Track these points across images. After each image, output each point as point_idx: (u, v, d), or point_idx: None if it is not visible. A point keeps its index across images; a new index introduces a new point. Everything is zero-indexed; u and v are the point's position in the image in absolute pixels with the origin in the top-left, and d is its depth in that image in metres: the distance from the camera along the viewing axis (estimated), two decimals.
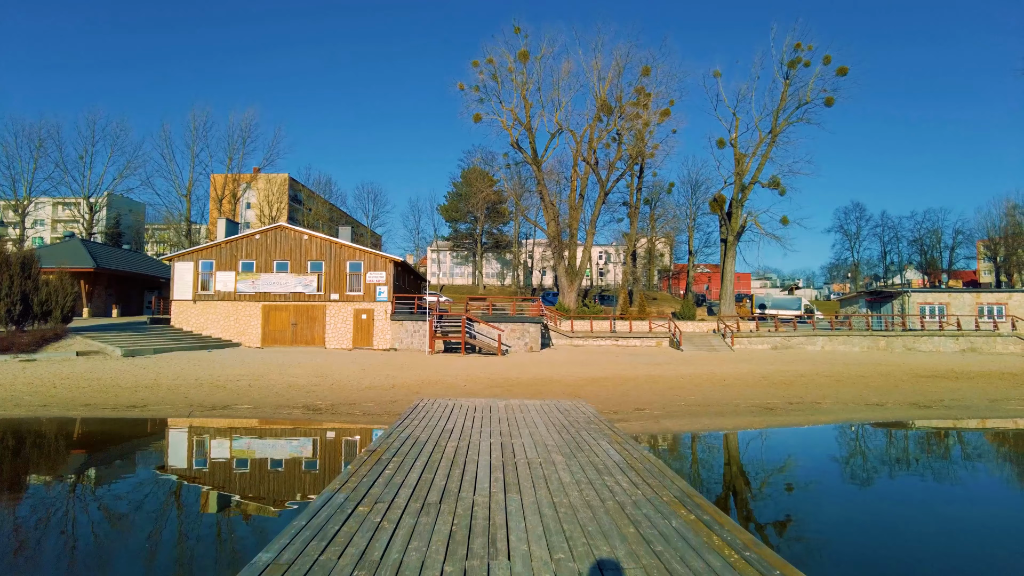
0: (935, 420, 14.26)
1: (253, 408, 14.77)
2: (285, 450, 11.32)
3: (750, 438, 12.45)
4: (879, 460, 10.92)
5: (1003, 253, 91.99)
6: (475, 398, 13.61)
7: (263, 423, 13.58)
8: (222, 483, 9.24)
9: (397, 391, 16.82)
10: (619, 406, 14.67)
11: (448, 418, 10.33)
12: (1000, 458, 11.42)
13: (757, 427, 12.81)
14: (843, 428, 13.53)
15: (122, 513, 7.72)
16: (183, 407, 14.91)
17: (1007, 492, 9.39)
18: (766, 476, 9.49)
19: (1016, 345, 37.56)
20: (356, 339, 33.30)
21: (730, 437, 12.45)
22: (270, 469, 9.98)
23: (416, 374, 20.63)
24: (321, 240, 34.60)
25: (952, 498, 8.65)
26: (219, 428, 13.26)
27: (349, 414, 13.82)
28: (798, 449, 11.76)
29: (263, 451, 11.28)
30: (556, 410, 11.47)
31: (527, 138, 50.94)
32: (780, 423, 13.28)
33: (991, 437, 13.37)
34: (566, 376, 20.94)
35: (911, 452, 11.63)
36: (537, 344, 32.96)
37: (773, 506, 7.94)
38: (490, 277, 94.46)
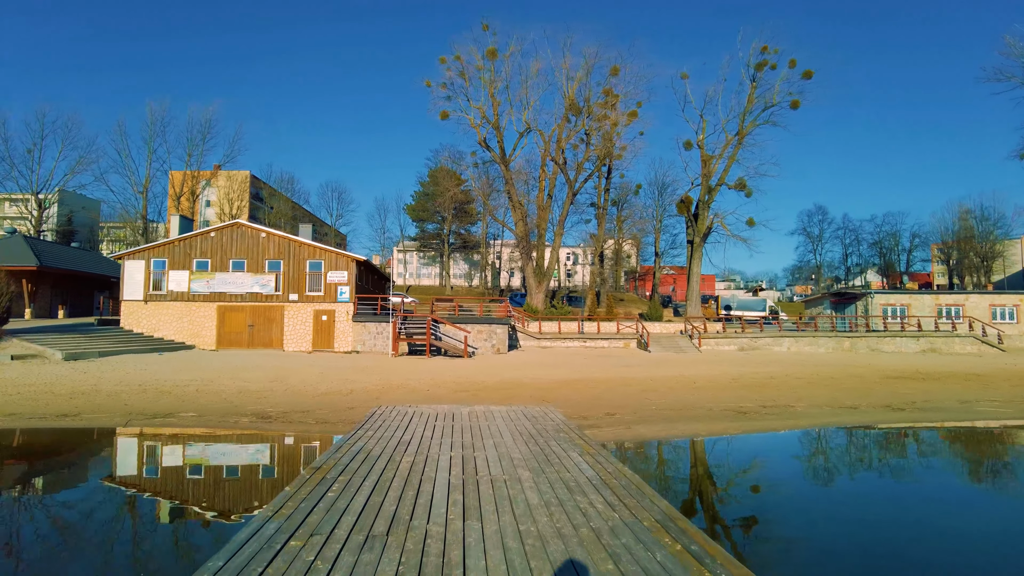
0: (913, 423, 13.99)
1: (198, 416, 13.70)
2: (222, 465, 10.33)
3: (728, 446, 11.89)
4: (876, 471, 10.30)
5: (956, 256, 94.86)
6: (438, 404, 12.82)
7: (206, 433, 12.55)
8: (142, 505, 8.23)
9: (355, 397, 15.91)
10: (589, 411, 14.05)
11: (406, 428, 9.53)
12: (990, 463, 11.10)
13: (733, 432, 12.30)
14: (823, 433, 13.10)
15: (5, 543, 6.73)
16: (121, 416, 13.76)
17: (1003, 498, 9.03)
18: (753, 492, 8.86)
19: (973, 345, 38.32)
20: (316, 341, 32.09)
21: (707, 445, 11.86)
22: (200, 488, 8.97)
23: (377, 378, 19.71)
24: (280, 238, 33.30)
25: (965, 511, 8.20)
26: (155, 439, 12.18)
27: (302, 422, 12.88)
28: (781, 458, 11.17)
29: (197, 467, 10.24)
30: (523, 417, 10.77)
31: (495, 137, 50.29)
32: (757, 428, 12.80)
33: (973, 440, 13.12)
34: (534, 379, 20.27)
35: (903, 461, 11.15)
36: (505, 346, 32.26)
37: (766, 531, 7.28)
38: (457, 278, 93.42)
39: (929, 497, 8.70)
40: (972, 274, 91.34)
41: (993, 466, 10.87)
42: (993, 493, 9.33)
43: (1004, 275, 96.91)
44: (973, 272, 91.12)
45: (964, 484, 9.77)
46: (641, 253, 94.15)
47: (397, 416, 10.70)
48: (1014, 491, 9.40)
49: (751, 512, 7.93)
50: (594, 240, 65.81)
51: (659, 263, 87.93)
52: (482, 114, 49.39)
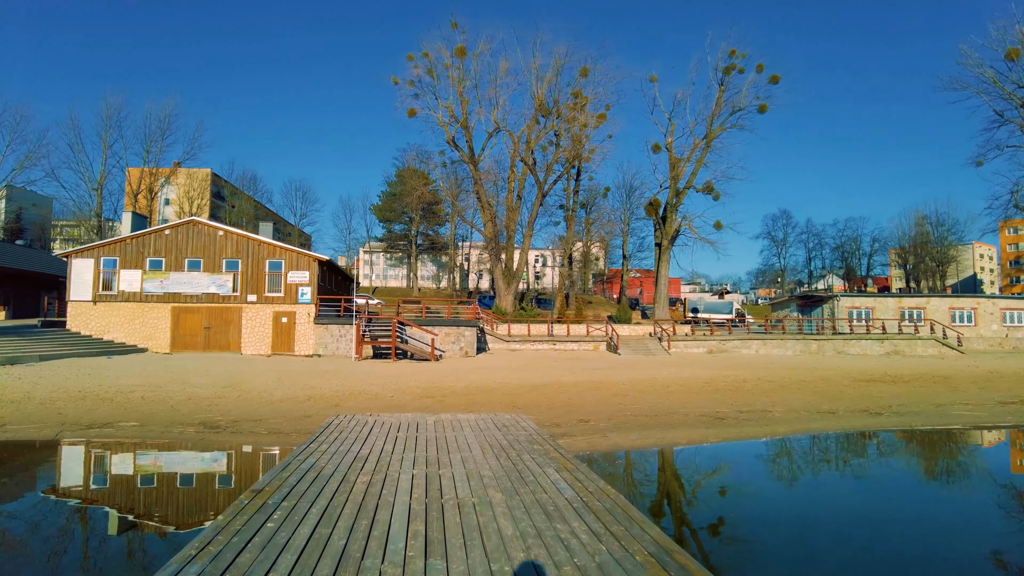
0: (896, 429, 13.68)
1: (140, 426, 12.59)
2: (154, 486, 9.25)
3: (712, 456, 11.27)
4: (876, 484, 9.73)
5: (912, 261, 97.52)
6: (401, 413, 11.99)
7: (146, 445, 11.47)
8: (45, 532, 7.23)
9: (313, 404, 14.95)
10: (562, 418, 13.38)
11: (365, 440, 8.69)
12: (982, 468, 10.74)
13: (714, 441, 11.76)
14: (804, 440, 12.62)
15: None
16: (52, 426, 12.56)
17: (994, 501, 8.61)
18: (749, 513, 8.10)
19: (934, 348, 38.97)
20: (275, 344, 30.79)
21: (689, 455, 11.21)
22: (126, 512, 7.97)
23: (338, 383, 18.72)
24: (238, 236, 31.90)
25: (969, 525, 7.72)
26: (84, 455, 11.04)
27: (252, 433, 11.90)
28: (769, 471, 10.57)
29: (127, 486, 9.13)
30: (493, 426, 10.02)
31: (464, 136, 49.43)
32: (736, 435, 12.29)
33: (957, 446, 12.83)
34: (504, 383, 19.54)
35: (894, 469, 10.72)
36: (473, 349, 31.45)
37: (771, 561, 6.55)
38: (425, 280, 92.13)
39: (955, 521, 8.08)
40: (928, 278, 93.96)
41: (988, 472, 10.52)
42: (994, 501, 8.93)
43: (958, 279, 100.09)
44: (929, 276, 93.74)
45: (967, 495, 9.32)
46: (609, 256, 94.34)
47: (356, 426, 9.85)
48: (1010, 500, 9.03)
49: (752, 538, 7.19)
50: (563, 242, 65.45)
51: (627, 266, 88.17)
52: (450, 113, 48.54)
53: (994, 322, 44.00)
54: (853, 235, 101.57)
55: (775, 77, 51.04)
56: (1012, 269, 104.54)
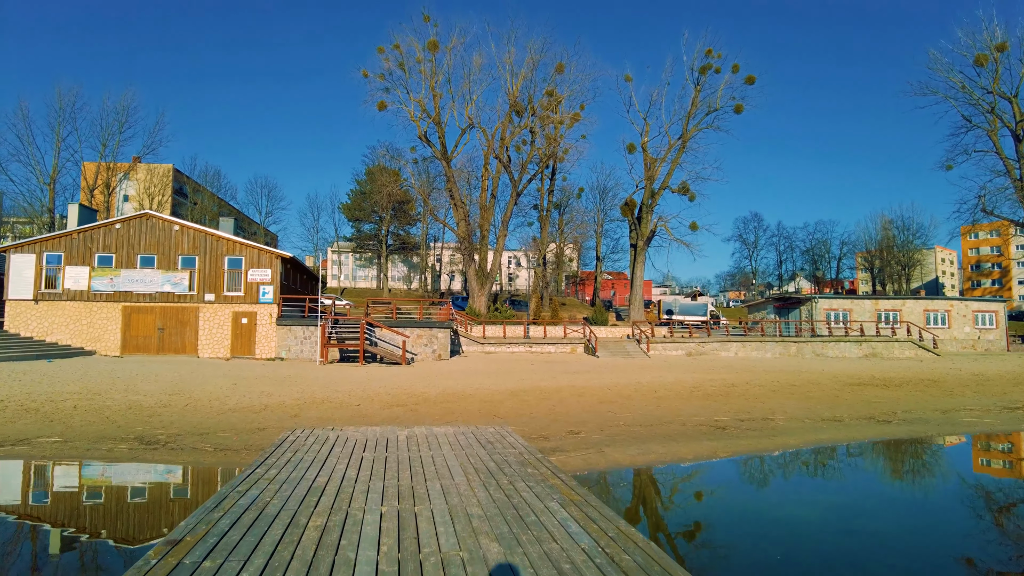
0: (909, 438, 12.61)
1: (62, 442, 10.88)
2: (52, 526, 7.25)
3: (729, 476, 9.84)
4: (935, 507, 8.55)
5: (879, 264, 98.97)
6: (368, 426, 10.54)
7: (62, 467, 9.78)
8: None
9: (269, 414, 13.36)
10: (549, 429, 12.07)
11: (323, 463, 7.25)
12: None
13: (723, 455, 10.52)
14: (823, 453, 11.38)
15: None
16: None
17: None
18: (813, 558, 6.38)
19: (910, 350, 38.80)
20: (235, 347, 28.88)
21: (704, 476, 9.74)
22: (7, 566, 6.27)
23: (300, 390, 17.11)
24: (195, 231, 29.90)
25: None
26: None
27: (195, 450, 10.31)
28: (802, 493, 9.06)
29: (18, 526, 7.27)
30: (476, 442, 8.66)
31: (436, 132, 47.90)
32: (747, 448, 11.09)
33: (989, 459, 11.75)
34: (481, 389, 18.16)
35: (947, 490, 9.45)
36: (446, 351, 29.97)
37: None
38: (396, 281, 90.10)
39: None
40: (893, 282, 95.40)
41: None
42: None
43: (922, 282, 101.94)
44: (894, 280, 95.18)
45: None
46: (582, 258, 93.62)
47: (314, 444, 8.38)
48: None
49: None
50: (537, 243, 64.35)
51: (600, 268, 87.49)
52: (422, 107, 46.95)
53: (966, 324, 44.17)
54: (823, 238, 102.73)
55: (751, 78, 50.72)
56: (973, 273, 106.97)
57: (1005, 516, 8.10)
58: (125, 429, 11.87)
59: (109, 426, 12.08)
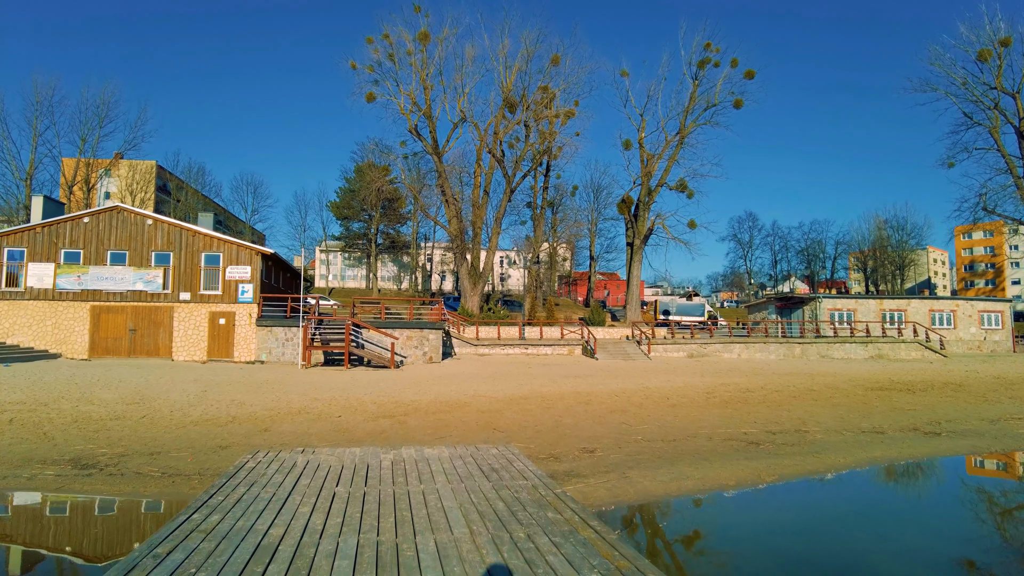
0: (971, 454, 10.98)
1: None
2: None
3: (793, 512, 7.74)
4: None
5: (872, 264, 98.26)
6: (347, 447, 8.87)
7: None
8: None
9: (237, 427, 11.64)
10: (558, 446, 10.44)
11: (283, 504, 5.58)
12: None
13: (769, 479, 8.86)
14: (888, 476, 9.36)
15: None
16: None
17: None
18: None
19: (917, 351, 37.53)
20: (212, 349, 27.03)
21: (759, 511, 7.73)
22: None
23: (275, 398, 15.38)
24: (170, 226, 28.02)
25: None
26: None
27: (139, 476, 8.58)
28: (906, 540, 6.90)
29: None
30: (476, 468, 7.03)
31: (427, 126, 46.15)
32: (793, 470, 9.41)
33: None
34: (477, 396, 16.50)
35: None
36: (438, 354, 28.27)
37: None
38: (386, 281, 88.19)
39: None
40: (886, 282, 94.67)
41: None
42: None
43: (915, 283, 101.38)
44: (887, 280, 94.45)
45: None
46: (575, 257, 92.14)
47: (276, 474, 6.71)
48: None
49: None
50: (529, 243, 62.77)
51: (595, 267, 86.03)
52: (412, 100, 45.18)
53: (972, 325, 43.01)
54: (818, 238, 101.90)
55: (750, 72, 49.34)
56: (967, 273, 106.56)
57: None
58: (62, 448, 10.12)
59: (43, 445, 10.33)
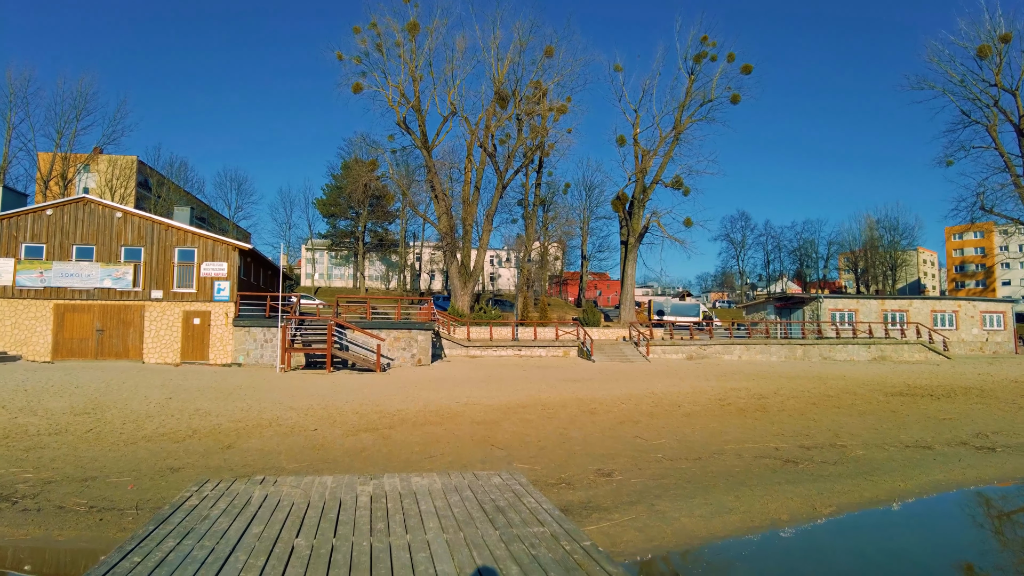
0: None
1: None
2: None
3: (882, 566, 6.00)
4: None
5: (863, 265, 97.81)
6: (317, 474, 7.35)
7: None
8: None
9: (195, 444, 10.07)
10: (568, 467, 8.97)
11: (223, 564, 4.07)
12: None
13: (827, 512, 7.31)
14: (971, 507, 7.74)
15: None
16: None
17: None
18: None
19: (920, 353, 36.49)
20: (185, 350, 25.32)
21: (832, 557, 6.11)
22: None
23: (246, 407, 13.79)
24: (141, 219, 26.29)
25: None
26: None
27: (59, 511, 7.00)
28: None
29: None
30: (477, 506, 5.56)
31: (416, 119, 44.56)
32: (849, 498, 7.79)
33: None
34: (470, 404, 15.01)
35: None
36: (427, 356, 26.72)
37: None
38: (373, 280, 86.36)
39: None
40: (877, 282, 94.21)
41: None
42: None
43: (906, 283, 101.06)
44: (878, 280, 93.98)
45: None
46: (566, 257, 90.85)
47: (222, 517, 5.20)
48: None
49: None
50: (521, 240, 61.26)
51: (586, 267, 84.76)
52: (401, 92, 43.57)
53: (974, 325, 42.07)
54: (810, 238, 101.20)
55: (747, 67, 48.14)
56: (957, 274, 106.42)
57: None
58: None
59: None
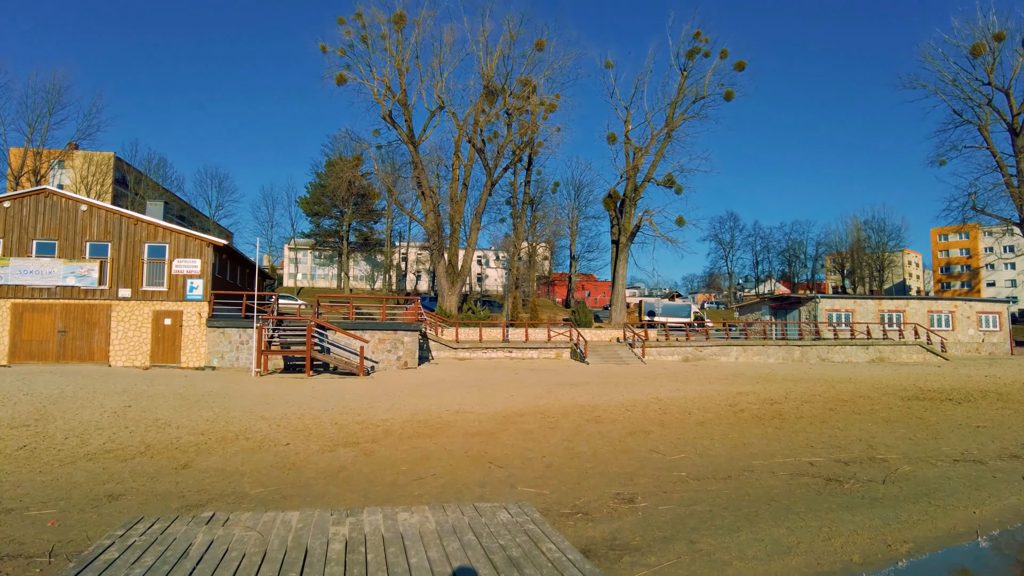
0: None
1: None
2: None
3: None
4: None
5: (850, 266, 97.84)
6: (280, 511, 5.98)
7: None
8: None
9: (145, 464, 8.64)
10: (581, 490, 7.67)
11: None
12: None
13: (903, 550, 5.89)
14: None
15: None
16: None
17: None
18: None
19: (919, 354, 35.73)
20: (156, 353, 23.71)
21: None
22: None
23: (212, 417, 12.34)
24: (107, 212, 24.64)
25: None
26: None
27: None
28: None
29: None
30: (483, 558, 4.25)
31: (402, 113, 43.11)
32: (924, 532, 6.44)
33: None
34: (463, 412, 13.66)
35: None
36: (414, 358, 25.31)
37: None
38: (358, 280, 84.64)
39: None
40: (863, 284, 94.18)
41: None
42: None
43: (892, 284, 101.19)
44: (864, 282, 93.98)
45: None
46: (554, 257, 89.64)
47: (165, 568, 3.84)
48: None
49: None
50: (509, 240, 59.98)
51: (575, 267, 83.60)
52: (386, 85, 42.10)
53: (971, 326, 41.43)
54: (799, 239, 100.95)
55: (740, 63, 47.25)
56: (943, 275, 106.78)
57: None
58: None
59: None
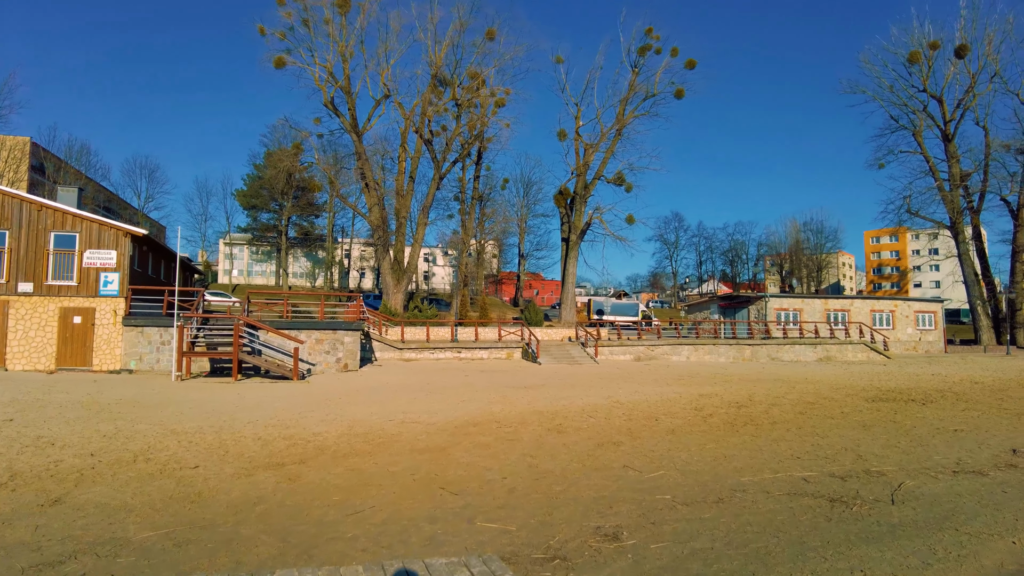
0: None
1: None
2: None
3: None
4: None
5: (788, 266, 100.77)
6: (176, 549, 4.45)
7: None
8: None
9: (6, 498, 6.89)
10: (553, 524, 6.39)
11: None
12: None
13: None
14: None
15: None
16: None
17: None
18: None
19: (863, 353, 36.29)
20: (63, 355, 21.18)
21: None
22: None
23: (111, 432, 10.50)
24: (3, 196, 21.91)
25: None
26: None
27: None
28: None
29: None
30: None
31: (345, 102, 41.00)
32: (971, 572, 5.73)
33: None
34: (408, 421, 12.21)
35: None
36: (355, 360, 23.57)
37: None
38: (298, 277, 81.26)
39: None
40: (801, 284, 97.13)
41: None
42: None
43: (828, 284, 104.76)
44: (802, 282, 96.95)
45: None
46: (502, 255, 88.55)
47: None
48: None
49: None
50: (455, 238, 58.61)
51: (524, 265, 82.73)
52: (329, 72, 39.95)
53: (909, 325, 42.59)
54: (741, 239, 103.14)
55: (691, 62, 47.29)
56: (875, 276, 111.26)
57: None
58: None
59: None
